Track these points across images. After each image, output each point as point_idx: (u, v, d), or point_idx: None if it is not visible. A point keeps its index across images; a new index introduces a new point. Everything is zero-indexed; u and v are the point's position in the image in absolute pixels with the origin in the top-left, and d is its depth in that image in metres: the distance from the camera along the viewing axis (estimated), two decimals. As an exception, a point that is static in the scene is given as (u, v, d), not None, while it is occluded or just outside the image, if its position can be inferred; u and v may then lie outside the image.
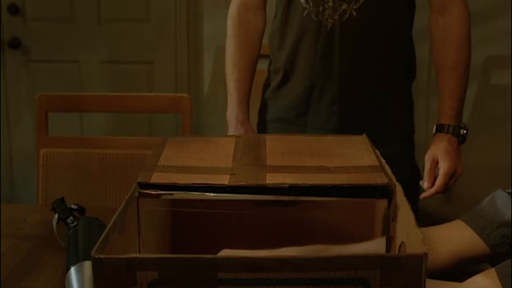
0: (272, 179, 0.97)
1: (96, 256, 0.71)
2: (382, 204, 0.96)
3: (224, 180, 0.97)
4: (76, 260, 1.08)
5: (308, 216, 0.97)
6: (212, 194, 0.95)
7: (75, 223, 1.18)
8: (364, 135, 1.18)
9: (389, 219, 0.95)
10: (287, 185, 0.95)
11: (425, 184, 1.55)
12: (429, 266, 0.79)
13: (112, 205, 1.68)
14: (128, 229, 0.89)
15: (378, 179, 0.96)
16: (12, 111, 3.01)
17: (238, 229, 0.99)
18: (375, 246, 0.98)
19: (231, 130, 1.67)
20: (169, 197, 0.95)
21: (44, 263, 1.25)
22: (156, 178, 0.97)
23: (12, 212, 1.50)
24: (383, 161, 1.05)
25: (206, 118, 2.83)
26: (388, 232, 0.96)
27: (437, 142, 1.61)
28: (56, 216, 1.28)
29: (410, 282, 0.71)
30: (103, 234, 0.77)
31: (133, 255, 0.70)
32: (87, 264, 1.07)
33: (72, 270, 1.07)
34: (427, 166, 1.57)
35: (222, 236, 0.99)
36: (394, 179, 0.96)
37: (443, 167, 1.55)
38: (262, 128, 1.75)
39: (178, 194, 0.95)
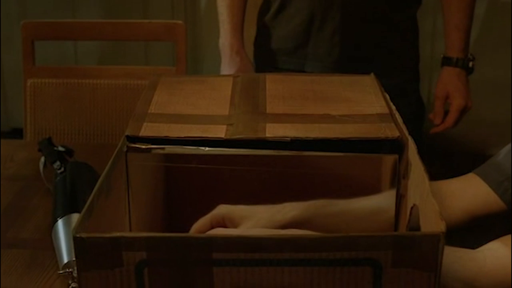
0: (272, 131, 0.89)
1: (78, 235, 0.63)
2: (391, 159, 0.88)
3: (220, 132, 0.89)
4: (63, 212, 1.02)
5: (311, 172, 0.90)
6: (207, 149, 0.87)
7: (62, 169, 1.11)
8: (372, 74, 1.09)
9: (400, 175, 0.88)
10: (288, 139, 0.87)
11: (435, 119, 1.51)
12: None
13: (104, 140, 1.61)
14: (116, 189, 0.82)
15: (388, 131, 0.88)
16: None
17: (235, 184, 0.92)
18: (384, 201, 0.91)
19: (225, 61, 1.57)
20: (161, 151, 0.88)
21: (32, 208, 1.19)
22: (146, 130, 0.89)
23: (-2, 148, 1.43)
24: (393, 107, 0.96)
25: (205, 46, 2.72)
26: (398, 189, 0.88)
27: (446, 76, 1.55)
28: (42, 159, 1.21)
29: (425, 263, 0.64)
30: (86, 205, 0.69)
31: (118, 234, 0.63)
32: (75, 217, 1.01)
33: (59, 223, 1.00)
34: (438, 102, 1.52)
35: (219, 191, 0.91)
36: (405, 131, 0.88)
37: (455, 104, 1.50)
38: (260, 59, 1.65)
39: (170, 149, 0.88)
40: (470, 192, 0.95)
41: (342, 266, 0.64)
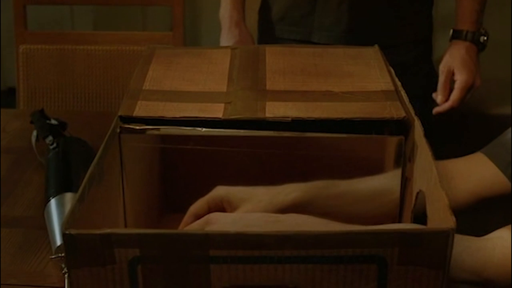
0: (272, 110, 0.85)
1: (67, 232, 0.60)
2: (397, 141, 0.84)
3: (218, 111, 0.85)
4: (56, 191, 0.98)
5: (313, 153, 0.86)
6: (204, 129, 0.83)
7: (55, 144, 1.07)
8: (376, 46, 1.05)
9: (405, 158, 0.84)
10: (289, 119, 0.83)
11: (438, 97, 1.41)
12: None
13: (99, 108, 1.57)
14: (110, 172, 0.78)
15: (394, 111, 0.84)
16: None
17: (234, 166, 0.88)
18: (388, 182, 0.87)
19: (224, 32, 1.51)
20: (156, 132, 0.84)
21: (24, 183, 1.16)
22: (140, 110, 0.85)
23: (-9, 118, 1.39)
24: (399, 84, 0.92)
25: (204, 10, 2.65)
26: (403, 172, 0.85)
27: (454, 50, 1.45)
28: (34, 133, 1.17)
29: (434, 260, 0.61)
30: (77, 195, 0.66)
31: (109, 231, 0.60)
32: (68, 197, 0.97)
33: (52, 203, 0.97)
34: (442, 77, 1.42)
35: (217, 174, 0.88)
36: (412, 110, 0.84)
37: (460, 80, 1.40)
38: (264, 29, 1.59)
39: (165, 129, 0.84)
40: (477, 173, 0.92)
41: (346, 263, 0.61)
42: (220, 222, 0.80)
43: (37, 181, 1.14)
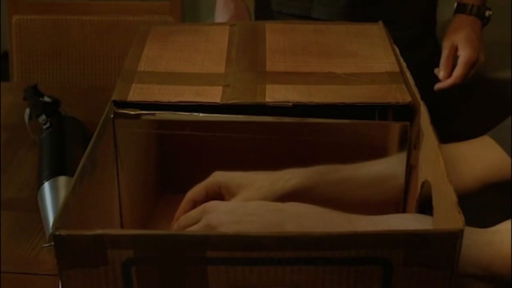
0: (272, 94, 0.81)
1: (57, 233, 0.57)
2: (402, 127, 0.81)
3: (216, 95, 0.81)
4: (50, 173, 0.96)
5: (314, 139, 0.83)
6: (201, 115, 0.80)
7: (48, 124, 1.04)
8: (380, 23, 1.01)
9: (411, 145, 0.81)
10: (290, 104, 0.79)
11: (441, 73, 1.37)
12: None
13: (94, 81, 1.53)
14: (104, 160, 0.75)
15: (399, 95, 0.81)
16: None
17: (232, 153, 0.85)
18: (392, 167, 0.84)
19: (219, 7, 1.45)
20: (151, 117, 0.81)
21: (18, 163, 1.13)
22: (134, 94, 0.81)
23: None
24: (404, 64, 0.89)
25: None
26: (408, 158, 0.82)
27: (457, 25, 1.39)
28: (27, 111, 1.14)
29: (441, 262, 0.58)
30: (70, 188, 0.63)
31: (102, 232, 0.57)
32: (62, 180, 0.95)
33: (46, 187, 0.94)
34: (445, 52, 1.37)
35: (215, 160, 0.85)
36: (417, 94, 0.81)
37: (463, 55, 1.35)
38: (261, 2, 1.54)
39: (161, 114, 0.80)
40: (484, 158, 0.88)
41: (349, 265, 0.58)
42: (218, 211, 0.78)
43: (31, 161, 1.11)
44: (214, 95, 0.81)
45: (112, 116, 0.79)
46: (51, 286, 0.86)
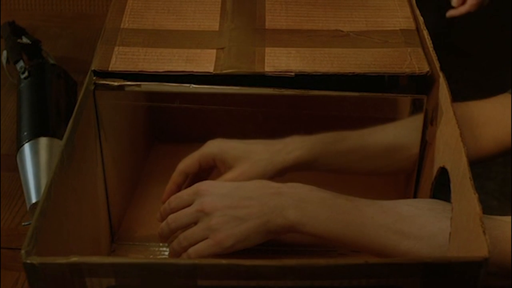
0: (272, 61, 0.72)
1: (28, 261, 0.50)
2: (418, 101, 0.72)
3: (208, 61, 0.72)
4: (30, 133, 0.87)
5: (318, 113, 0.75)
6: (192, 86, 0.71)
7: (27, 73, 0.94)
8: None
9: (427, 120, 0.72)
10: (292, 74, 0.71)
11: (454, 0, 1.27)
12: (469, 159, 0.60)
13: (81, 9, 1.41)
14: (83, 147, 0.67)
15: (415, 62, 0.72)
16: None
17: (227, 127, 0.77)
18: (405, 135, 0.76)
19: None
20: (136, 89, 0.72)
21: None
22: (117, 62, 0.72)
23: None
24: (421, 19, 0.79)
25: None
26: (423, 134, 0.74)
27: None
28: (4, 53, 1.04)
29: (463, 291, 0.51)
30: (42, 197, 0.56)
31: (78, 259, 0.50)
32: (43, 142, 0.86)
33: (26, 149, 0.86)
34: None
35: (208, 135, 0.76)
36: (436, 61, 0.71)
37: None
38: None
39: (147, 86, 0.72)
40: (505, 119, 0.80)
41: (359, 294, 0.52)
42: (212, 195, 0.71)
43: (9, 108, 1.02)
44: (206, 61, 0.72)
45: (92, 88, 0.71)
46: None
